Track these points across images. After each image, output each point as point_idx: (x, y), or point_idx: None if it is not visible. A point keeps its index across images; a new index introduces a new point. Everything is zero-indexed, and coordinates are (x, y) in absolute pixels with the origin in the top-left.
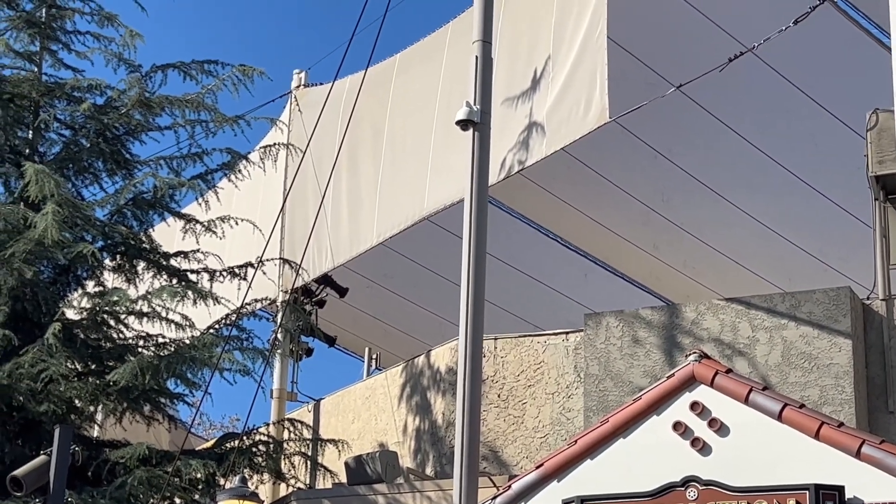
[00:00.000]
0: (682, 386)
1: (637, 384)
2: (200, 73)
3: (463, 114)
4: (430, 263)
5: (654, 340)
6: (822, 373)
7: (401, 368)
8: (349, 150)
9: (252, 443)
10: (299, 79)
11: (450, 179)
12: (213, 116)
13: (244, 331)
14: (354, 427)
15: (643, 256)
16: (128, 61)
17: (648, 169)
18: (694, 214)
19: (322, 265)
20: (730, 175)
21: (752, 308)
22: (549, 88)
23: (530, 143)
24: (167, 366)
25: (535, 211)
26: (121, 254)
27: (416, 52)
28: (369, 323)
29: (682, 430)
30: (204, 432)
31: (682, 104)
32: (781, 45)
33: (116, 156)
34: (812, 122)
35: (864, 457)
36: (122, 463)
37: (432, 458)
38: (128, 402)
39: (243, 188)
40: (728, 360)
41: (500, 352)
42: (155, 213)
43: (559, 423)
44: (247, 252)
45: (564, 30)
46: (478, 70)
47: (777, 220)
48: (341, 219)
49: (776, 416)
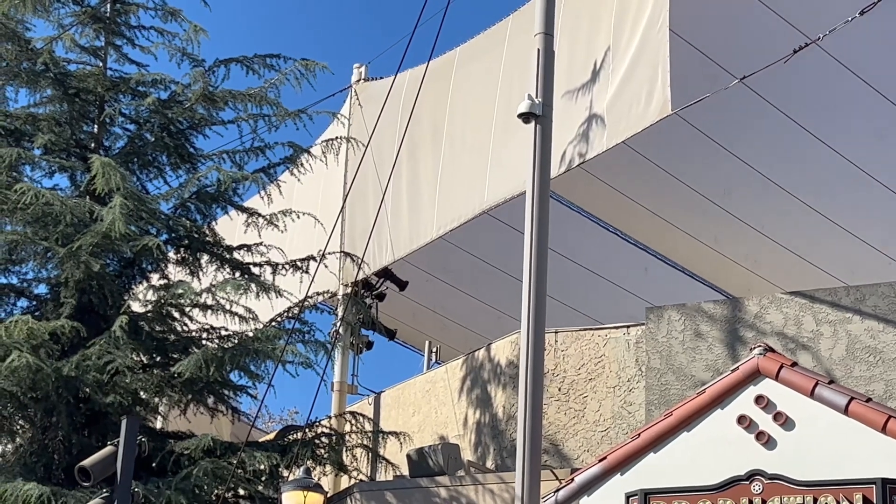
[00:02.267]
0: (747, 379)
1: (699, 378)
2: (263, 68)
3: (525, 107)
4: (489, 257)
5: (717, 334)
6: (887, 367)
7: (461, 362)
8: (409, 144)
9: (314, 435)
10: (359, 73)
11: (509, 173)
12: (276, 110)
13: (306, 323)
14: (415, 420)
15: (704, 250)
16: (191, 56)
17: (710, 162)
18: (756, 207)
19: (382, 259)
20: (792, 168)
21: (816, 302)
22: (610, 81)
23: (590, 135)
24: (231, 358)
25: (596, 204)
26: (185, 247)
27: (476, 46)
28: (429, 316)
29: (747, 424)
30: (263, 425)
31: (745, 96)
32: (847, 36)
33: (180, 150)
34: (877, 114)
35: None
36: (186, 454)
37: (493, 451)
38: (192, 394)
39: (305, 182)
40: (791, 353)
41: (561, 345)
42: (218, 206)
43: (620, 416)
44: (308, 245)
45: (625, 22)
46: (540, 62)
47: (840, 213)
48: (401, 212)
49: (842, 409)
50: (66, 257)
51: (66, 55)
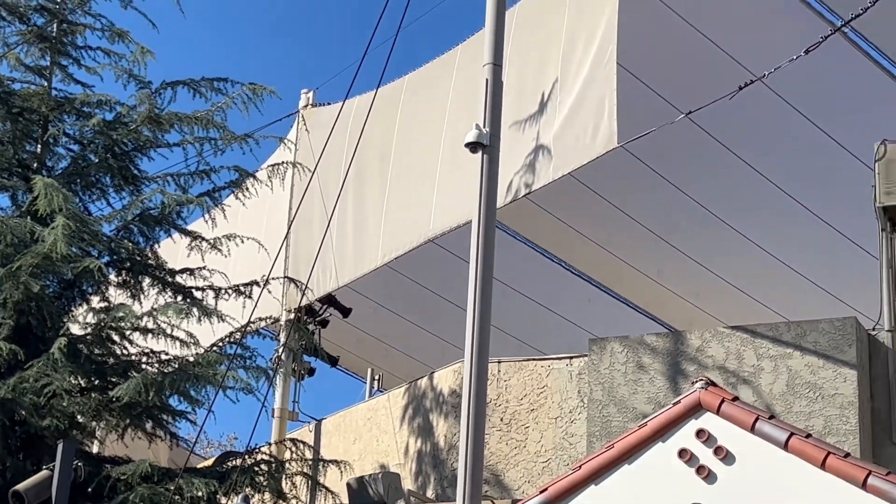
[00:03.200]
0: (688, 413)
1: (641, 410)
2: (210, 91)
3: (472, 136)
4: (433, 286)
5: (659, 367)
6: (826, 403)
7: (403, 390)
8: (356, 171)
9: (254, 462)
10: (307, 98)
11: (455, 202)
12: (222, 134)
13: (248, 349)
14: (356, 448)
15: (648, 283)
16: (138, 77)
17: (655, 195)
18: (700, 242)
19: (326, 285)
20: (736, 203)
21: (758, 336)
22: (557, 112)
23: (537, 166)
24: (171, 383)
25: (541, 235)
26: (126, 269)
27: (425, 75)
28: (372, 344)
29: (688, 458)
30: (202, 451)
31: (690, 131)
32: (791, 74)
33: (124, 171)
34: (820, 152)
35: (871, 488)
36: (123, 479)
37: (434, 480)
38: (130, 419)
39: (250, 206)
40: (732, 387)
41: (504, 375)
42: (161, 229)
43: (562, 447)
44: (252, 270)
45: (573, 54)
46: (488, 93)
47: (783, 250)
48: (347, 239)
49: (782, 445)
50: (5, 278)
51: (10, 74)
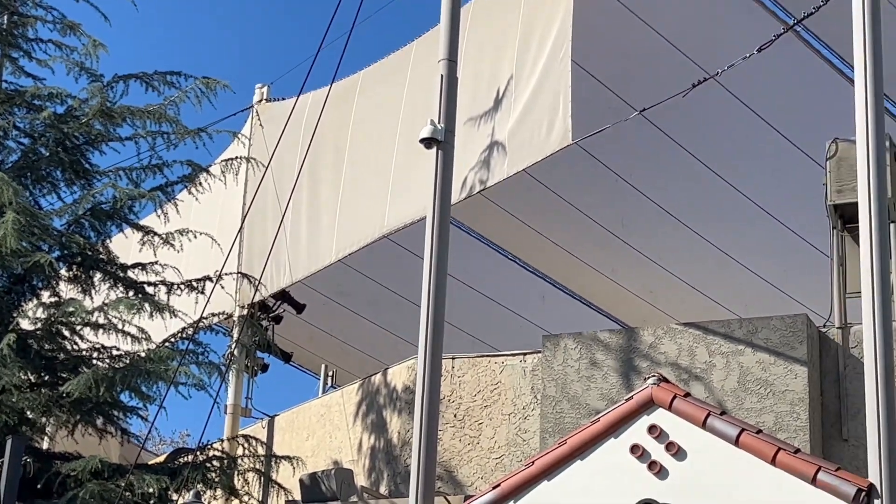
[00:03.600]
0: (641, 409)
1: (594, 406)
2: (163, 85)
3: (427, 132)
4: (388, 282)
5: (612, 363)
6: (777, 399)
7: (357, 386)
8: (310, 166)
9: (206, 458)
10: (261, 93)
11: (410, 198)
12: (175, 128)
13: (200, 345)
14: (309, 444)
15: (602, 280)
16: (90, 71)
17: (609, 193)
18: (653, 240)
19: (280, 281)
20: (690, 201)
21: (710, 333)
22: (512, 109)
23: (492, 163)
24: (122, 378)
25: (495, 232)
26: (77, 264)
27: (380, 70)
28: (326, 340)
29: (640, 453)
30: (154, 447)
31: (644, 129)
32: (745, 72)
33: (76, 165)
34: (772, 150)
35: (820, 483)
36: (73, 476)
37: (387, 476)
38: (80, 415)
39: (203, 201)
40: (685, 384)
41: (458, 371)
42: (113, 224)
43: (515, 444)
44: (205, 265)
45: (528, 51)
46: (443, 88)
47: (735, 248)
48: (300, 235)
49: (733, 440)
50: None
51: None
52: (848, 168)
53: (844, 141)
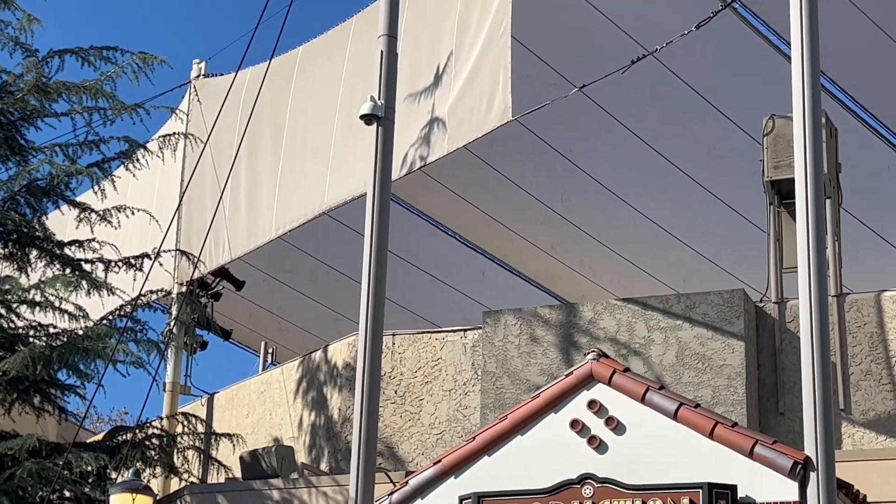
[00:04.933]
0: (580, 384)
1: (534, 382)
2: (99, 60)
3: (367, 108)
4: (327, 258)
5: (552, 339)
6: (715, 373)
7: (297, 363)
8: (249, 142)
9: (145, 436)
10: (199, 68)
11: (350, 175)
12: (112, 104)
13: (139, 322)
14: (249, 421)
15: (541, 256)
16: (24, 45)
17: (549, 169)
18: (592, 215)
19: (219, 258)
20: (628, 177)
21: (648, 309)
22: (452, 85)
23: (432, 139)
24: (59, 356)
25: (435, 208)
26: (13, 242)
27: (320, 45)
28: (265, 317)
29: (580, 428)
30: (91, 425)
31: (584, 106)
32: (683, 49)
33: (11, 141)
34: (710, 126)
35: (757, 456)
36: (10, 455)
37: (328, 453)
38: (17, 393)
39: (140, 178)
40: (624, 359)
41: (398, 348)
42: (49, 200)
43: (456, 419)
44: (143, 242)
45: (468, 27)
46: (383, 65)
47: (673, 223)
48: (239, 211)
49: (672, 415)
50: None
51: None
52: (785, 144)
53: (781, 117)
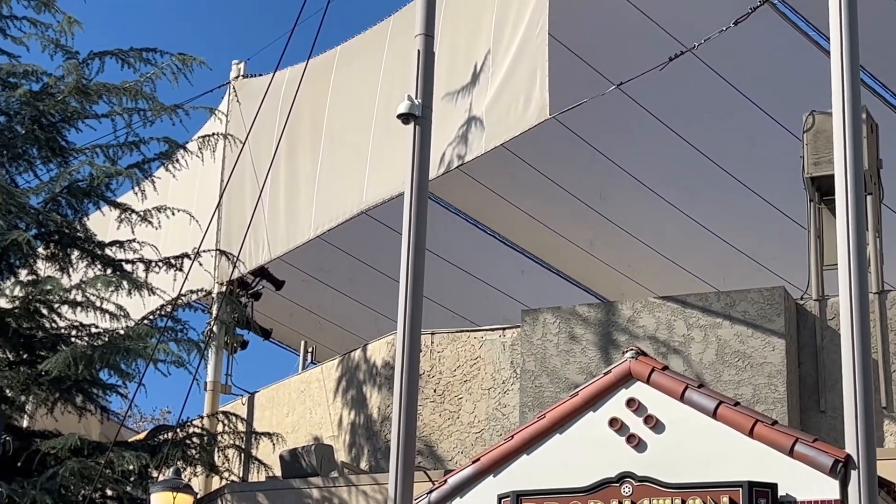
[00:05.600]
0: (619, 382)
1: (573, 380)
2: (139, 61)
3: (404, 107)
4: (366, 257)
5: (591, 337)
6: (755, 371)
7: (337, 362)
8: (288, 142)
9: (186, 435)
10: (238, 69)
11: (388, 173)
12: (151, 105)
13: (179, 322)
14: (289, 420)
15: (580, 254)
16: (65, 48)
17: (587, 166)
18: (631, 213)
19: (259, 257)
20: (668, 174)
21: (688, 307)
22: (489, 83)
23: (469, 138)
24: (100, 356)
25: (474, 206)
26: (55, 242)
27: (357, 45)
28: (305, 316)
29: (618, 427)
30: (134, 424)
31: (622, 102)
32: (721, 45)
33: (52, 143)
34: (750, 122)
35: (797, 455)
36: (53, 454)
37: (367, 452)
38: (60, 393)
39: (180, 178)
40: (663, 357)
41: (437, 347)
42: (90, 201)
43: (495, 418)
44: (183, 243)
45: (505, 25)
46: (420, 64)
47: (713, 220)
48: (279, 211)
49: (711, 413)
50: None
51: None
52: (825, 140)
53: (821, 113)
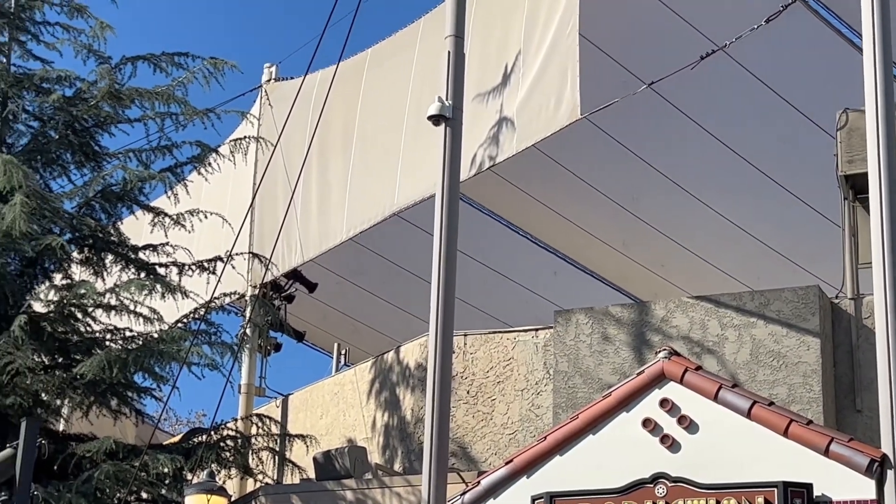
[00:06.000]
0: (652, 383)
1: (606, 381)
2: (171, 66)
3: (435, 109)
4: (399, 259)
5: (624, 338)
6: (790, 371)
7: (370, 364)
8: (319, 145)
9: (220, 438)
10: (270, 72)
11: (420, 175)
12: (183, 109)
13: (213, 325)
14: (323, 423)
15: (613, 254)
16: (97, 53)
17: (619, 167)
18: (664, 212)
19: (291, 260)
20: (700, 173)
21: (721, 306)
22: (520, 84)
23: (501, 139)
24: (135, 359)
25: (506, 207)
26: (89, 246)
27: (388, 47)
28: (338, 318)
29: (652, 427)
30: (170, 427)
31: (653, 102)
32: (753, 43)
33: (85, 148)
34: (782, 120)
35: (833, 454)
36: (88, 457)
37: (401, 453)
38: (95, 396)
39: (213, 181)
40: (697, 357)
41: (470, 348)
42: (123, 205)
43: (528, 419)
44: (216, 246)
45: (535, 25)
46: (450, 65)
47: (746, 219)
48: (311, 214)
49: (745, 413)
50: None
51: None
52: (859, 138)
53: (854, 111)
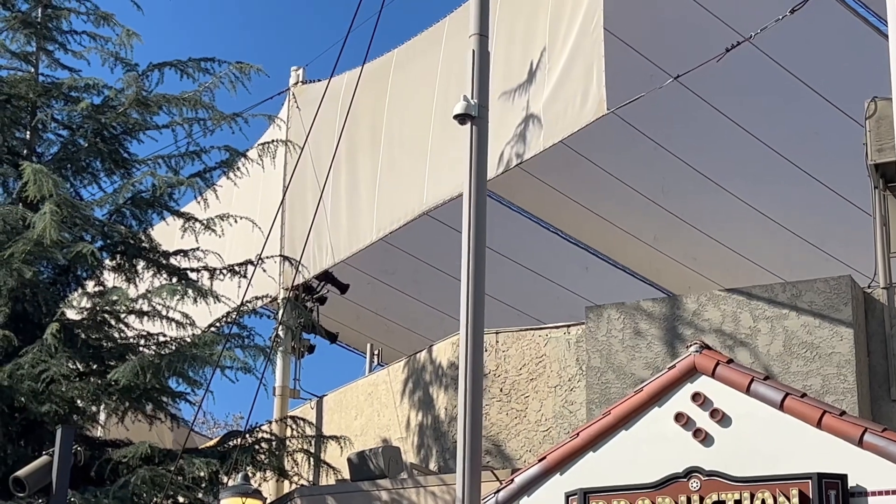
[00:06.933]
0: (684, 377)
1: (639, 376)
2: (197, 71)
3: (461, 108)
4: (429, 258)
5: (656, 332)
6: (823, 362)
7: (403, 364)
8: (347, 146)
9: (255, 440)
10: (297, 75)
11: (448, 174)
12: (211, 114)
13: (245, 328)
14: (357, 423)
15: (643, 248)
16: (124, 60)
17: (648, 160)
18: (694, 205)
19: (322, 262)
20: (729, 165)
21: (753, 298)
22: (546, 81)
23: (528, 136)
24: (168, 364)
25: (535, 204)
26: (120, 253)
27: (414, 47)
28: (370, 319)
29: (685, 421)
30: (208, 431)
31: (680, 95)
32: (779, 34)
33: (114, 155)
34: (810, 110)
35: (867, 445)
36: (124, 462)
37: (435, 452)
38: (129, 402)
39: (242, 186)
40: (729, 350)
41: (502, 346)
42: (154, 211)
43: (562, 416)
44: (246, 249)
45: (560, 22)
46: (475, 64)
47: (776, 210)
48: (340, 215)
49: (778, 405)
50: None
51: None
52: (888, 126)
53: (883, 99)
